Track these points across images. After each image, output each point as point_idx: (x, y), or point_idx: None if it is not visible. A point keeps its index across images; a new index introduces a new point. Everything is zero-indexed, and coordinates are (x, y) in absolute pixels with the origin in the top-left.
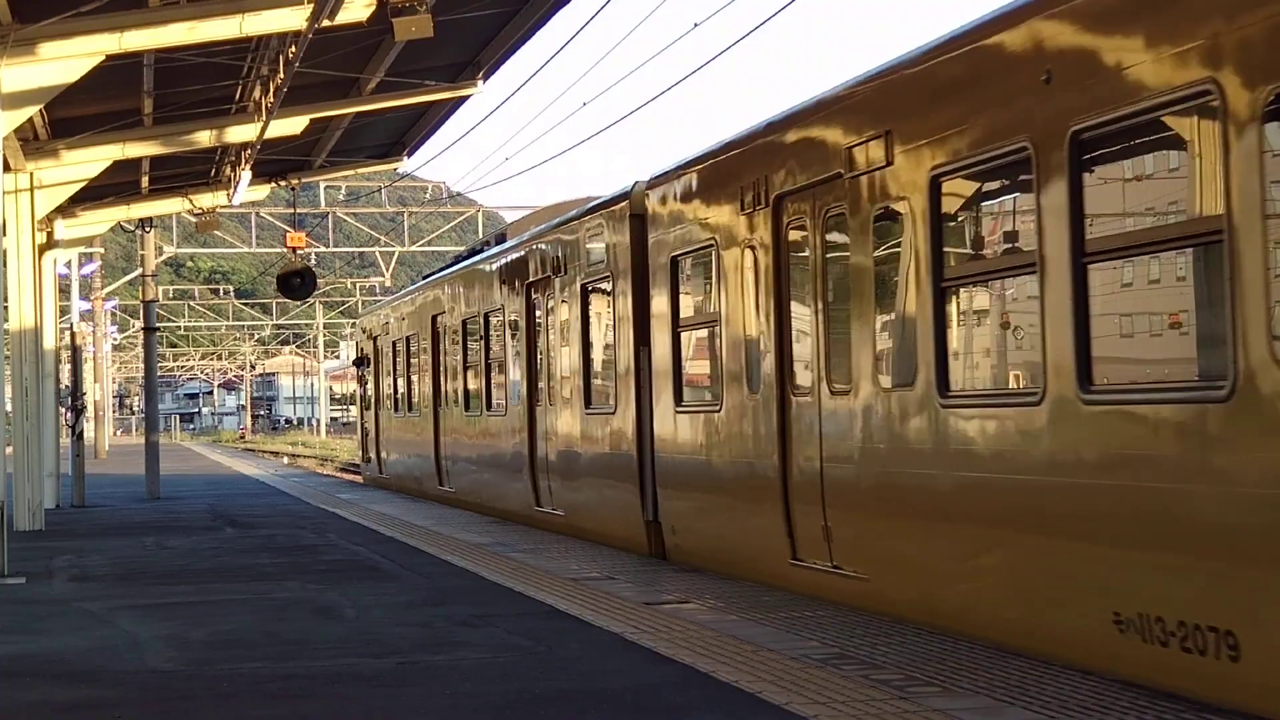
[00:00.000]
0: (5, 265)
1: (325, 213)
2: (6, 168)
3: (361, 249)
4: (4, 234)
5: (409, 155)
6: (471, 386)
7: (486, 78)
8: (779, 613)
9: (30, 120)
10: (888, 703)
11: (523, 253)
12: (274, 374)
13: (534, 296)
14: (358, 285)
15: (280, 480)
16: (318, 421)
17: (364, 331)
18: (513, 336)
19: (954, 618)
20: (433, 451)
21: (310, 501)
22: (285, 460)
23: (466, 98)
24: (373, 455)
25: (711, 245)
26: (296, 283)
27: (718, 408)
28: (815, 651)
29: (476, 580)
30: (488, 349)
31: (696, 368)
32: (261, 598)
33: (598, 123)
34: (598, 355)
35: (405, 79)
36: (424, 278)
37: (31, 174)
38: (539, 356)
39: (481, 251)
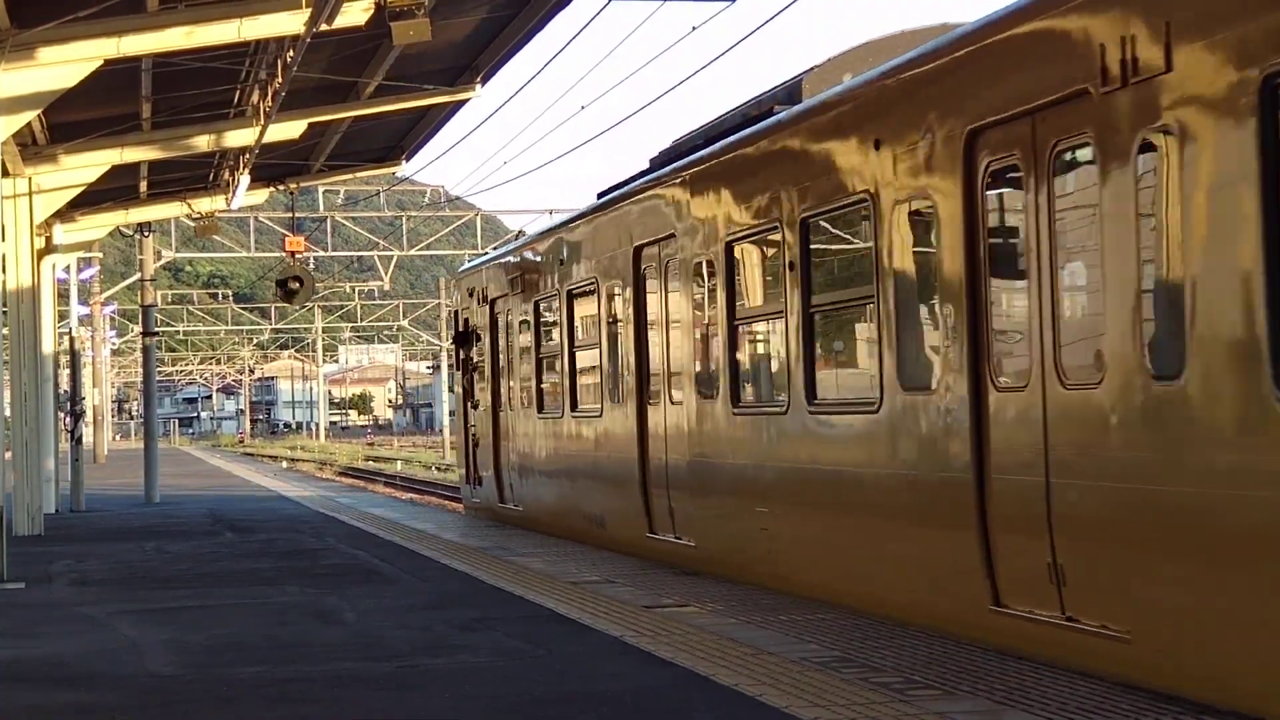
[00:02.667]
0: (4, 270)
1: (324, 217)
2: (5, 172)
3: (360, 253)
4: (3, 239)
5: (407, 159)
6: (754, 361)
7: (485, 81)
8: (779, 616)
9: (29, 125)
10: (888, 706)
11: (957, 72)
12: (273, 378)
13: (992, 160)
14: (356, 289)
15: (279, 484)
16: (316, 426)
17: (471, 294)
18: (914, 255)
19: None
20: (637, 476)
21: (309, 506)
22: (284, 464)
23: (465, 101)
24: (487, 474)
25: None
26: (295, 287)
27: None
28: (815, 654)
29: (476, 584)
30: (805, 288)
31: None
32: (261, 602)
33: (597, 126)
34: None
35: (403, 83)
36: (601, 195)
37: (30, 179)
38: (1006, 284)
39: (762, 117)
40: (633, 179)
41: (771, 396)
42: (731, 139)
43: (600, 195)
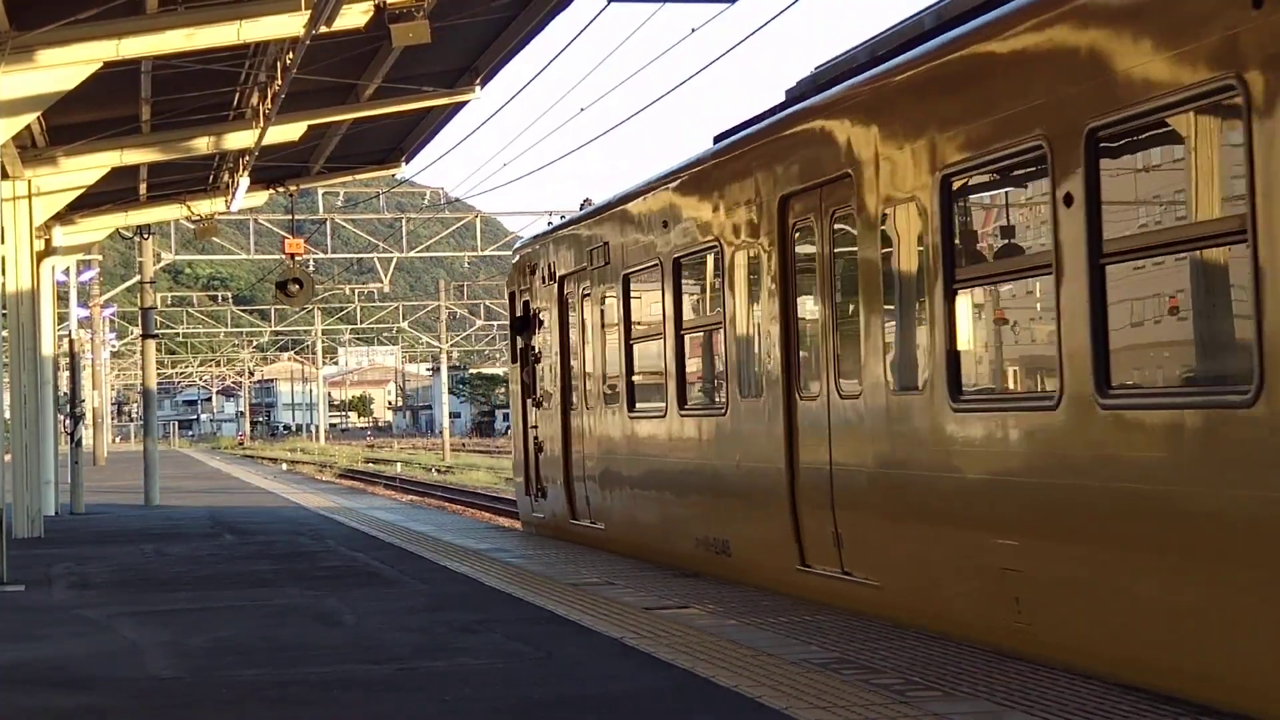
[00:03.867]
0: (4, 273)
1: (323, 219)
2: (5, 175)
3: (360, 255)
4: (2, 241)
5: (407, 161)
6: (991, 338)
7: (484, 83)
8: (778, 617)
9: (28, 127)
10: (888, 707)
11: None
12: (273, 380)
13: None
14: (356, 291)
15: (279, 486)
16: (316, 428)
17: (532, 270)
18: None
19: None
20: (784, 490)
21: (309, 508)
22: (284, 466)
23: (464, 103)
24: (554, 485)
25: None
26: (295, 289)
27: None
28: (815, 656)
29: (476, 586)
30: (1093, 229)
31: None
32: (261, 604)
33: (597, 127)
34: None
35: (403, 85)
36: (720, 138)
37: (30, 181)
38: None
39: (977, 13)
40: (769, 113)
41: (1029, 386)
42: (950, 36)
43: (719, 138)
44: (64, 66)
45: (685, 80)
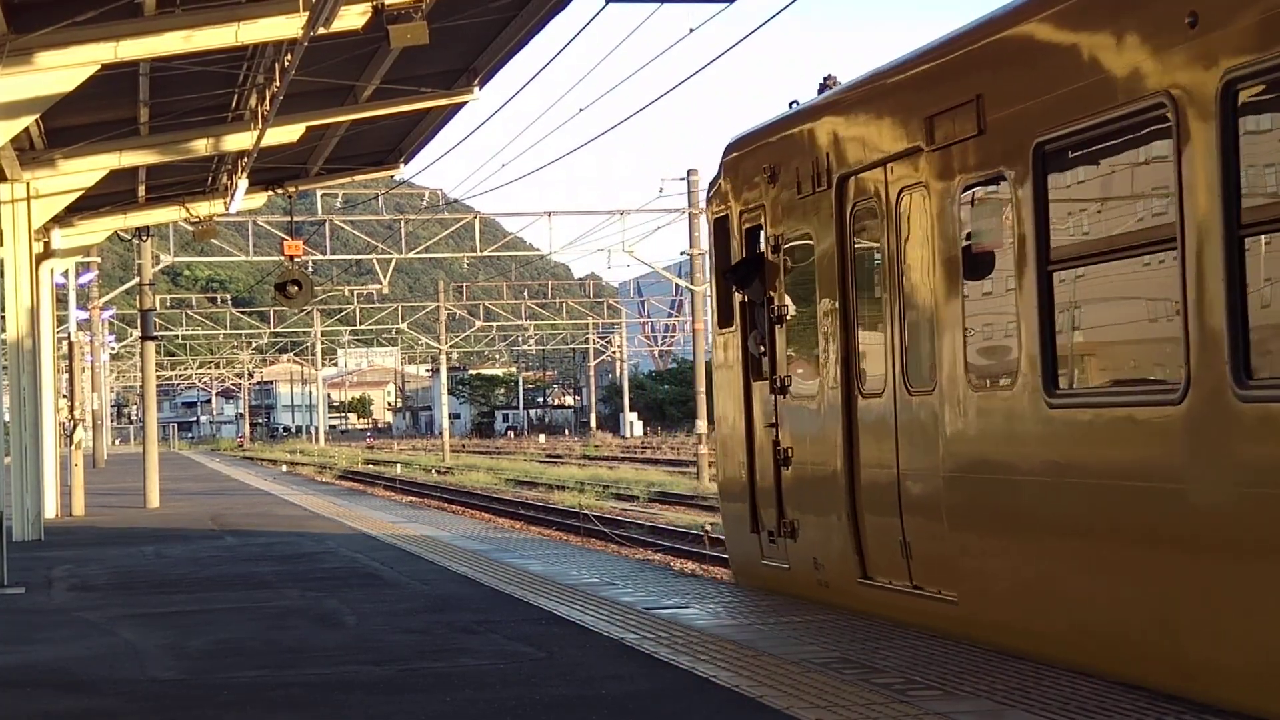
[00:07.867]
0: (2, 275)
1: (322, 220)
2: (3, 177)
3: (359, 256)
4: (1, 244)
5: (405, 162)
6: None
7: (483, 84)
8: (779, 617)
9: (26, 130)
10: (889, 706)
11: None
12: (272, 382)
13: None
14: (355, 293)
15: (279, 488)
16: (316, 429)
17: (771, 176)
18: None
19: None
20: None
21: (309, 509)
22: (284, 469)
23: (463, 104)
24: (819, 519)
25: None
26: (294, 290)
27: None
28: (816, 656)
29: (476, 587)
30: None
31: None
32: (261, 606)
33: (595, 128)
34: None
35: (401, 86)
36: None
37: (28, 184)
38: None
39: None
40: None
41: None
42: None
43: None
44: (62, 69)
45: (685, 80)
